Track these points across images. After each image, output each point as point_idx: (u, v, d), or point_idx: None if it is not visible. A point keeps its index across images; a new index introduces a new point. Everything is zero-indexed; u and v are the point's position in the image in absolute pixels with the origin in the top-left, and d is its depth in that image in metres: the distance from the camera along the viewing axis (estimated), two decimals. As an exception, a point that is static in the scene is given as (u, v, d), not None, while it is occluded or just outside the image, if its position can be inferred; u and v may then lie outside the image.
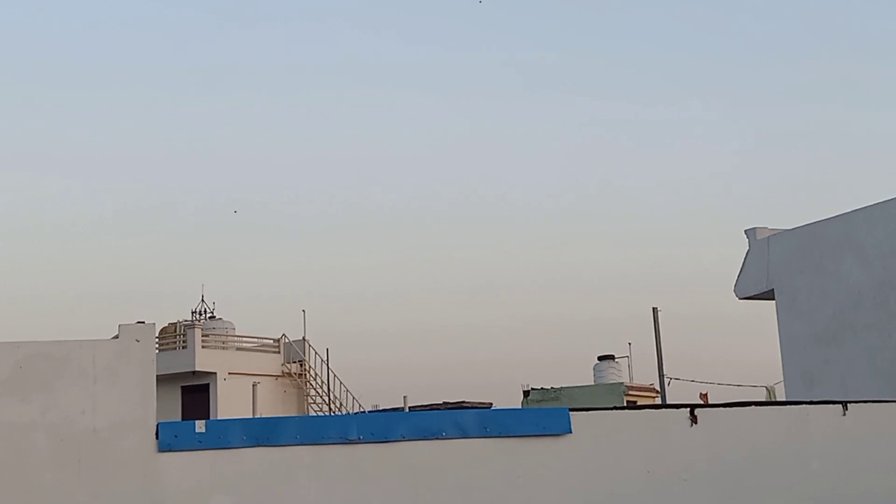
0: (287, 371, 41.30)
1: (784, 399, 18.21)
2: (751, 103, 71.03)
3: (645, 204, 67.19)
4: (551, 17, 68.33)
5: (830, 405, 9.33)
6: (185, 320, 41.89)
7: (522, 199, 66.71)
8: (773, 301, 17.41)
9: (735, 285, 18.06)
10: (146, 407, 7.37)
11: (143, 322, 7.59)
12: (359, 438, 7.73)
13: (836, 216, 16.39)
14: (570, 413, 8.29)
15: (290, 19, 67.70)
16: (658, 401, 31.03)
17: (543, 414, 8.40)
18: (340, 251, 60.90)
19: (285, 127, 65.73)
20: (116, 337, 7.48)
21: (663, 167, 68.62)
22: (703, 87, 71.21)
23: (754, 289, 17.72)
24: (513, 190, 67.21)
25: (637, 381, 39.75)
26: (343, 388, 41.39)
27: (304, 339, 41.86)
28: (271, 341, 42.17)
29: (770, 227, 17.66)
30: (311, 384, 41.47)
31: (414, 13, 69.22)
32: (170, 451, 7.33)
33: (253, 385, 34.05)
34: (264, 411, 33.27)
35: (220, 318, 42.72)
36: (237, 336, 42.15)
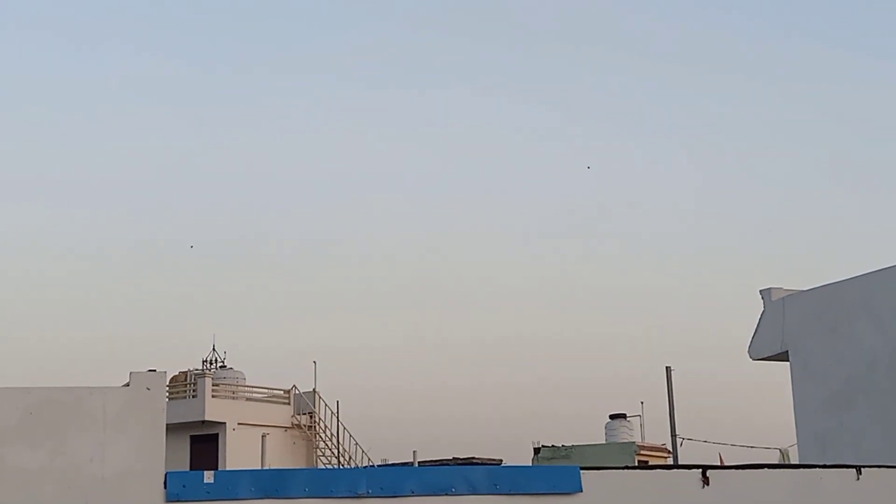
0: (297, 423, 41.13)
1: (798, 462, 18.03)
2: (768, 163, 71.18)
3: (659, 262, 67.13)
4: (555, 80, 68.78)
5: (844, 469, 9.24)
6: (196, 369, 41.84)
7: (534, 255, 66.75)
8: (788, 363, 17.29)
9: (749, 346, 17.92)
10: (155, 456, 7.34)
11: (154, 370, 7.58)
12: (368, 493, 7.68)
13: (852, 278, 16.28)
14: (581, 471, 8.22)
15: (297, 66, 68.21)
16: (670, 461, 30.81)
17: (554, 472, 8.34)
18: (353, 304, 60.91)
19: (298, 177, 66.02)
20: (127, 384, 7.46)
21: (677, 224, 68.65)
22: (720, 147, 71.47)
23: (768, 350, 17.57)
24: (524, 247, 67.28)
25: (649, 441, 39.49)
26: (353, 442, 41.24)
27: (314, 390, 41.75)
28: (282, 392, 42.06)
29: (785, 288, 17.55)
30: (320, 436, 41.28)
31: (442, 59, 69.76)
32: (177, 501, 7.28)
33: (262, 436, 33.94)
34: (273, 463, 33.08)
35: (231, 368, 42.67)
36: (247, 386, 42.05)
